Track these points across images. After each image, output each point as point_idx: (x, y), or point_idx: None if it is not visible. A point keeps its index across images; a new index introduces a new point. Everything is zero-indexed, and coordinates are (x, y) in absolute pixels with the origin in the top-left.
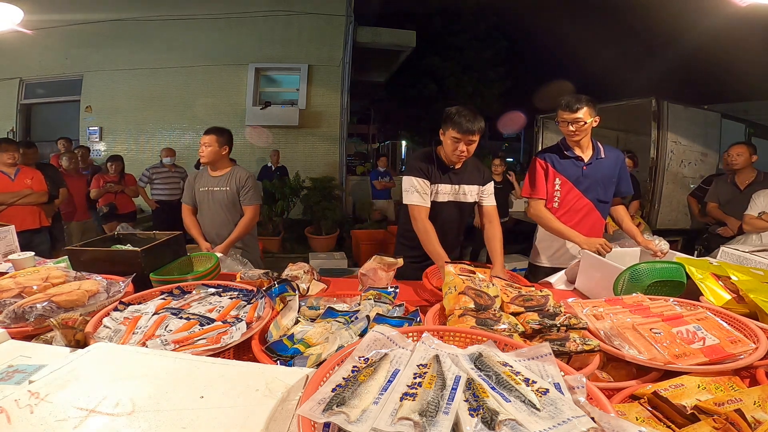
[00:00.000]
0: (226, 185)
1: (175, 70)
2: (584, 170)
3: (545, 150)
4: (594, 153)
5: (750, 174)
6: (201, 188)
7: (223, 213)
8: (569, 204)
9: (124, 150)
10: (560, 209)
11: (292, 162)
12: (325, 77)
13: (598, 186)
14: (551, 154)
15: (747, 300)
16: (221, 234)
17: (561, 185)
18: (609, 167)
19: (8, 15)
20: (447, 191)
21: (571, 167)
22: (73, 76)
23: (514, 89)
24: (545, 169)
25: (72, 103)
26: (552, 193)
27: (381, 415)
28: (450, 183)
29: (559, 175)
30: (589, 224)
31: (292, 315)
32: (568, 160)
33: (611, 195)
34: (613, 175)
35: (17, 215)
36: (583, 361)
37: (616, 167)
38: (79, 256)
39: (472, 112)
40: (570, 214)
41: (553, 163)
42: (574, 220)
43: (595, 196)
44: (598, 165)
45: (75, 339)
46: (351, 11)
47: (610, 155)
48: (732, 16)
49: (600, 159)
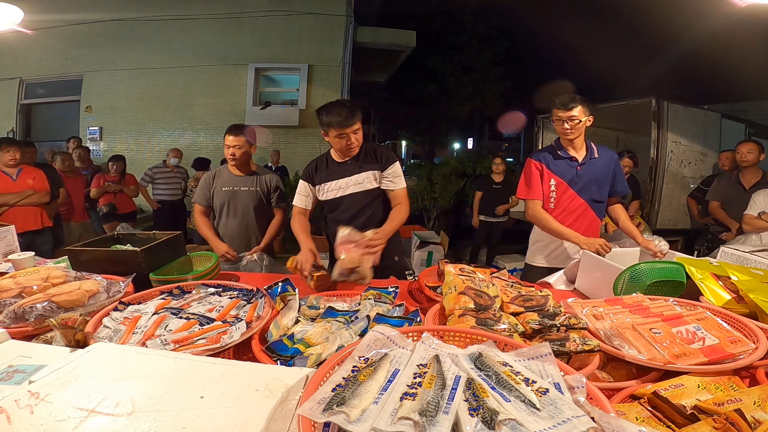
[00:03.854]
0: (254, 186)
1: (175, 70)
2: (578, 170)
3: (539, 151)
4: (587, 153)
5: (756, 173)
6: (224, 188)
7: (250, 214)
8: (564, 204)
9: (124, 150)
10: (556, 209)
11: (292, 162)
12: (325, 77)
13: (593, 186)
14: (545, 155)
15: (747, 300)
16: (244, 235)
17: (556, 186)
18: (603, 167)
19: (8, 15)
20: (337, 187)
21: (565, 167)
22: (73, 76)
23: (514, 89)
24: (540, 170)
25: (72, 103)
26: (547, 193)
27: (381, 415)
28: (338, 178)
29: (553, 176)
30: (585, 224)
31: (293, 314)
32: (562, 160)
33: (606, 195)
34: (607, 175)
35: (19, 216)
36: (583, 361)
37: (610, 167)
38: (79, 256)
39: (340, 105)
40: (565, 214)
41: (548, 163)
42: (569, 220)
43: (589, 196)
44: (591, 165)
45: (75, 339)
46: (351, 11)
47: (604, 155)
48: (732, 16)
49: (593, 159)
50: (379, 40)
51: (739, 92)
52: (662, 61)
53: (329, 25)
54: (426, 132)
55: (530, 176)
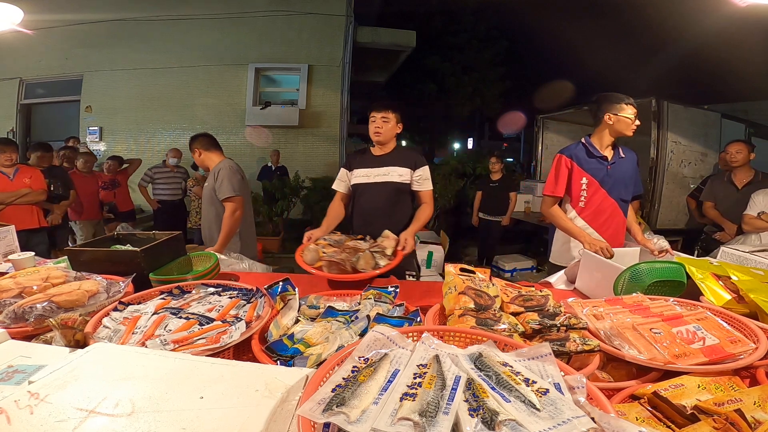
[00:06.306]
0: (210, 180)
1: (175, 70)
2: (608, 170)
3: (570, 147)
4: (615, 153)
5: (748, 173)
6: None
7: (206, 209)
8: (595, 204)
9: (124, 150)
10: (586, 209)
11: (292, 162)
12: (325, 77)
13: (621, 185)
14: (577, 153)
15: (747, 300)
16: (210, 232)
17: (587, 185)
18: (629, 167)
19: (8, 15)
20: (365, 174)
21: (597, 166)
22: (73, 76)
23: (514, 89)
24: (570, 168)
25: (72, 103)
26: (578, 192)
27: (381, 416)
28: (369, 167)
29: (585, 174)
30: (614, 225)
31: (292, 314)
32: (594, 159)
33: (631, 194)
34: (632, 174)
35: (15, 214)
36: (583, 361)
37: (635, 167)
38: (79, 256)
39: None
40: (596, 213)
41: (579, 161)
42: (600, 220)
43: (618, 196)
44: (620, 165)
45: (75, 339)
46: (351, 11)
47: (629, 155)
48: (732, 16)
49: (621, 159)
50: (379, 40)
51: (739, 92)
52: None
53: (329, 25)
54: (426, 132)
55: (559, 173)
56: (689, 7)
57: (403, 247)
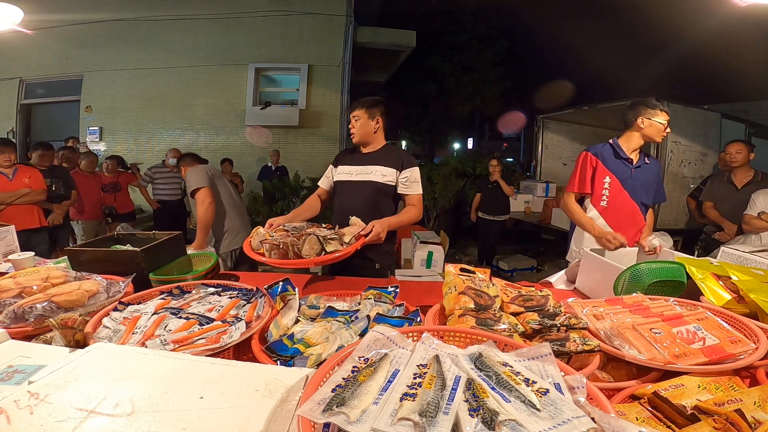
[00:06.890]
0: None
1: (175, 70)
2: (632, 173)
3: (597, 146)
4: (640, 158)
5: (747, 173)
6: None
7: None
8: (617, 205)
9: (124, 150)
10: (608, 208)
11: (292, 162)
12: (325, 77)
13: (643, 190)
14: (604, 152)
15: (747, 300)
16: None
17: (610, 184)
18: (652, 173)
19: (8, 15)
20: (348, 171)
21: (621, 167)
22: (73, 76)
23: (514, 89)
24: (594, 166)
25: (72, 103)
26: (600, 191)
27: (381, 416)
28: (353, 165)
29: (609, 173)
30: (635, 228)
31: (292, 314)
32: (620, 160)
33: (651, 200)
34: (654, 182)
35: (15, 214)
36: (583, 361)
37: (658, 175)
38: (79, 256)
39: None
40: (617, 214)
41: (605, 160)
42: (620, 220)
43: (640, 199)
44: (644, 169)
45: (75, 339)
46: (351, 11)
47: (653, 162)
48: (732, 16)
49: (645, 164)
50: (379, 40)
51: (739, 92)
52: (662, 61)
53: (329, 25)
54: (426, 132)
55: (584, 171)
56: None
57: (367, 234)
